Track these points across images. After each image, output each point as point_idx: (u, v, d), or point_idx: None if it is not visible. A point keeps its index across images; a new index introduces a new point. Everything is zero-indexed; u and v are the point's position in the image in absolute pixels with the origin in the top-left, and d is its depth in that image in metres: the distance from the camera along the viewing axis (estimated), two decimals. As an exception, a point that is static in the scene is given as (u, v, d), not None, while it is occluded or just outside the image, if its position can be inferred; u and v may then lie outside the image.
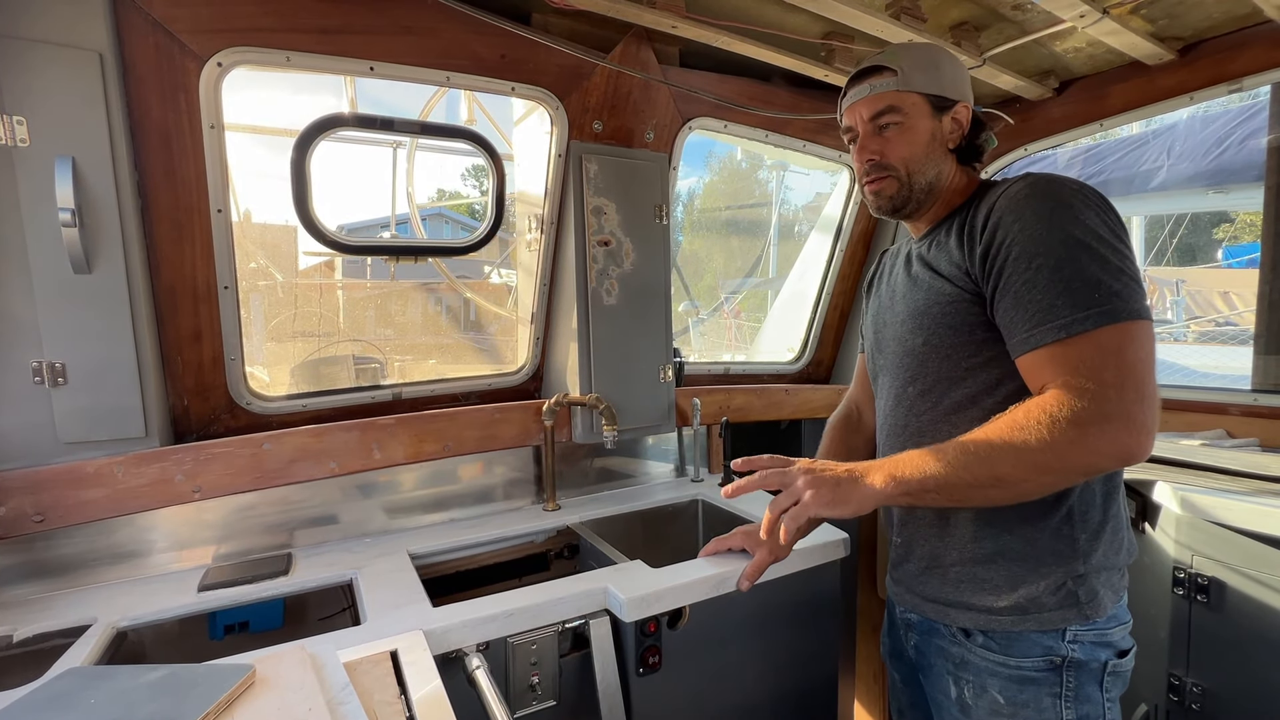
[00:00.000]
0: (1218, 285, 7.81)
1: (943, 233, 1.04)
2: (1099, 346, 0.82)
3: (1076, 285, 0.83)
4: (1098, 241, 0.85)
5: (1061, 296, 0.84)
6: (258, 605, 1.30)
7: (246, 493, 1.43)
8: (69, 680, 0.89)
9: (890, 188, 1.05)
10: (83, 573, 1.32)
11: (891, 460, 0.90)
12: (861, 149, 1.06)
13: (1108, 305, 0.82)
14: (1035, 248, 0.86)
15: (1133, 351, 0.81)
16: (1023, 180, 0.94)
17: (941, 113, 1.04)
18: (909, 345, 1.04)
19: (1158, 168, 4.82)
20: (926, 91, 1.03)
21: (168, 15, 1.20)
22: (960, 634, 1.00)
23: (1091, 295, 0.83)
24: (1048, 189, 0.91)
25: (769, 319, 2.81)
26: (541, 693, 1.23)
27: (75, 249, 1.19)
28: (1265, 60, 1.49)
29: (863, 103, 1.05)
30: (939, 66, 1.04)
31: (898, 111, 1.03)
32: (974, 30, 1.56)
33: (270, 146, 3.06)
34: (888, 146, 1.04)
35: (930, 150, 1.04)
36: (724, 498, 1.04)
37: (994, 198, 0.95)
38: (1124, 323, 0.82)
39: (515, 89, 1.55)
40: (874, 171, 1.05)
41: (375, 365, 3.76)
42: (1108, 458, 0.82)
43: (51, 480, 1.24)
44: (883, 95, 1.03)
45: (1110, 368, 0.81)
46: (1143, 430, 0.80)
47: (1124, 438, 0.80)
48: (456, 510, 1.72)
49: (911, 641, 1.11)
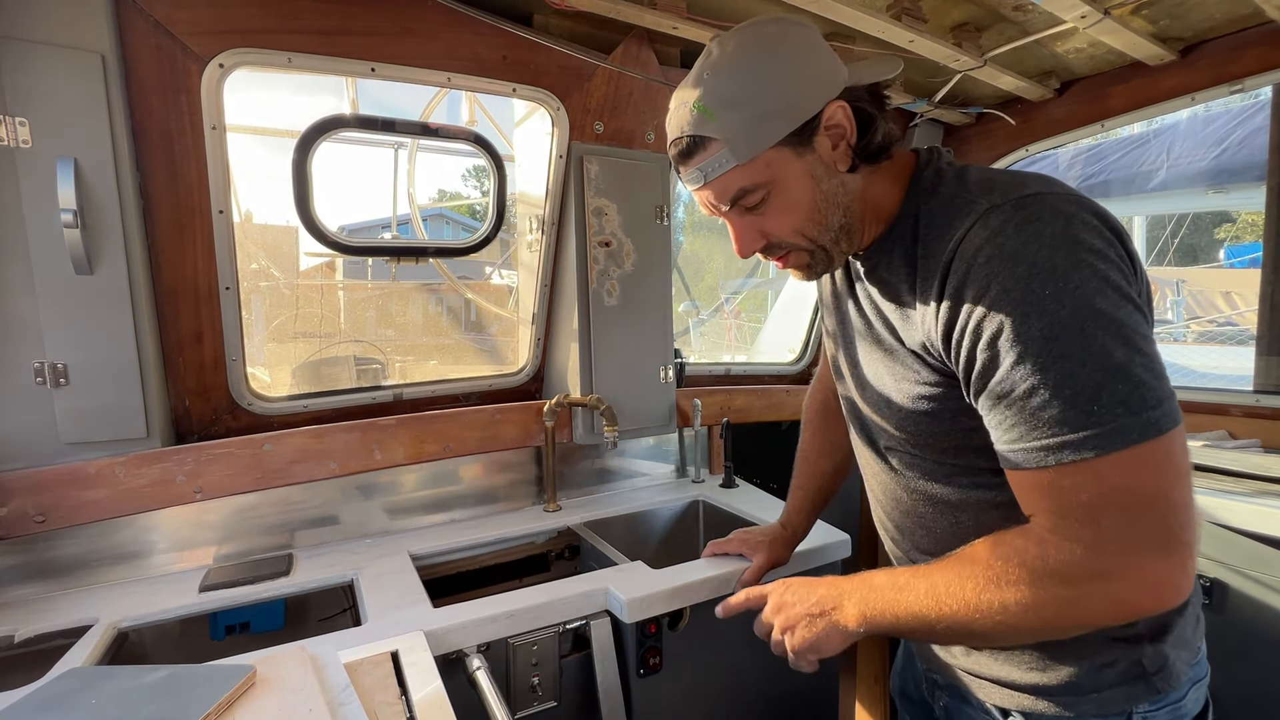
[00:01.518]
0: (1220, 285, 7.80)
1: (887, 260, 0.81)
2: (1098, 480, 0.61)
3: (1068, 394, 0.61)
4: (1100, 323, 0.61)
5: (1048, 408, 0.62)
6: (259, 606, 1.30)
7: (247, 493, 1.44)
8: (70, 681, 0.89)
9: (800, 260, 0.83)
10: (84, 573, 1.33)
11: (863, 591, 0.79)
12: (739, 242, 0.82)
13: (1111, 423, 0.60)
14: (1013, 336, 0.64)
15: (1148, 481, 0.60)
16: (996, 220, 0.67)
17: (806, 143, 0.76)
18: (883, 417, 0.85)
19: (1157, 168, 4.82)
20: (775, 140, 0.74)
21: (169, 17, 1.20)
22: (997, 711, 0.83)
23: (1089, 408, 0.61)
24: (1031, 246, 0.64)
25: (770, 320, 2.81)
26: (542, 693, 1.23)
27: (77, 250, 1.19)
28: (1266, 61, 1.48)
29: (705, 190, 0.79)
30: (779, 90, 0.74)
31: (753, 189, 0.77)
32: (975, 31, 1.56)
33: (272, 147, 3.06)
34: (766, 224, 0.80)
35: (818, 198, 0.78)
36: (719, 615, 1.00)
37: (952, 233, 0.70)
38: (1135, 447, 0.60)
39: (516, 90, 1.55)
40: (772, 251, 0.83)
41: (376, 366, 3.76)
42: (1114, 619, 0.65)
43: (53, 481, 1.24)
44: (724, 179, 0.76)
45: (1112, 509, 0.61)
46: (1162, 584, 0.62)
47: (1131, 596, 0.62)
48: (457, 511, 1.72)
49: (941, 701, 0.95)
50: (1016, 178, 0.72)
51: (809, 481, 1.26)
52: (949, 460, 0.80)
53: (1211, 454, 1.51)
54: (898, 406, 0.81)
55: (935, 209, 0.76)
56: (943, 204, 0.75)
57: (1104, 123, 1.80)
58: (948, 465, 0.80)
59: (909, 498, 0.87)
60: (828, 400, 1.22)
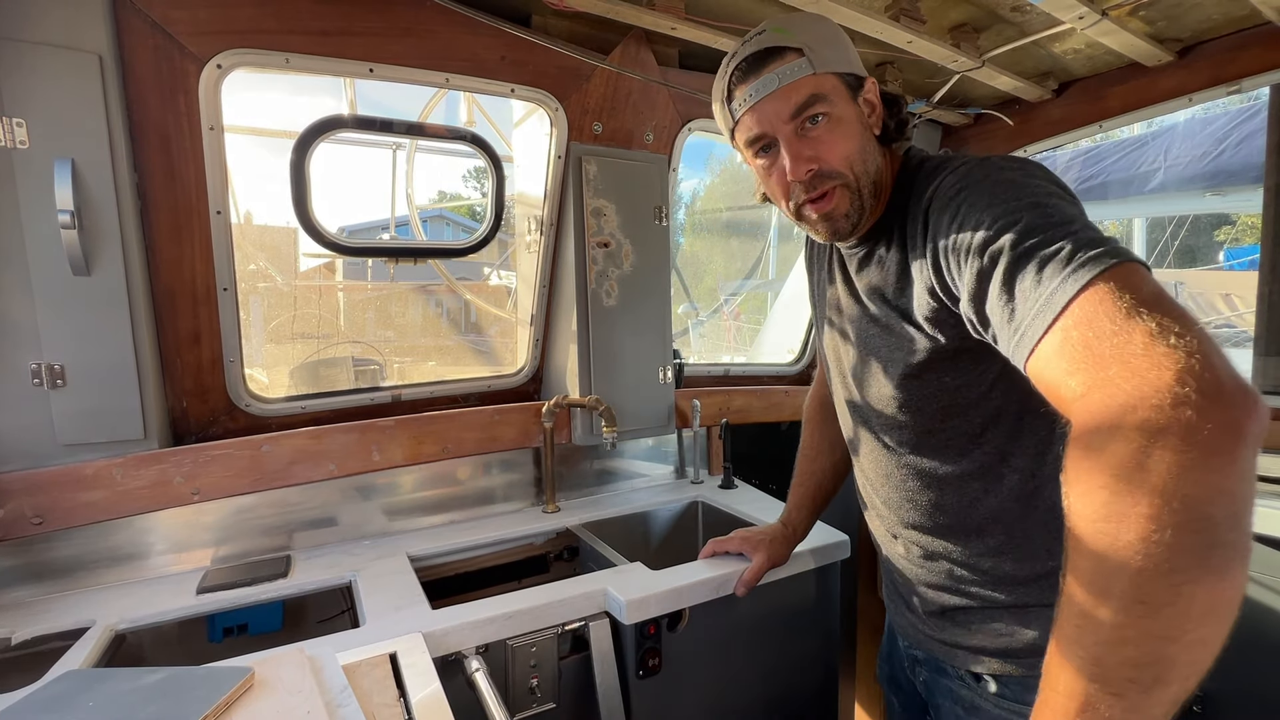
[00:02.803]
0: (1219, 287, 7.81)
1: (887, 242, 0.86)
2: (1126, 284, 0.54)
3: (1058, 233, 0.61)
4: (1065, 197, 0.68)
5: (1044, 250, 0.60)
6: (257, 608, 1.29)
7: (245, 495, 1.43)
8: (67, 683, 0.88)
9: (843, 202, 0.83)
10: (81, 575, 1.32)
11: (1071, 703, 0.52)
12: (795, 157, 0.82)
13: (1109, 243, 0.58)
14: (989, 221, 0.66)
15: (1157, 286, 0.54)
16: (963, 166, 0.76)
17: (857, 95, 0.85)
18: (878, 393, 0.90)
19: (1155, 169, 4.82)
20: (840, 71, 0.83)
21: (167, 17, 1.20)
22: (970, 677, 0.90)
23: (1081, 234, 0.60)
24: (993, 173, 0.72)
25: (769, 321, 2.81)
26: (541, 695, 1.22)
27: (74, 251, 1.19)
28: (1264, 61, 1.49)
29: (774, 98, 0.81)
30: (839, 39, 0.86)
31: (822, 100, 0.81)
32: (973, 32, 1.56)
33: (270, 148, 3.06)
34: (822, 147, 0.82)
35: (865, 142, 0.84)
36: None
37: (929, 187, 0.78)
38: (1134, 263, 0.56)
39: (515, 90, 1.55)
40: (818, 184, 0.83)
41: (374, 367, 3.77)
42: (1232, 455, 0.47)
43: (50, 482, 1.24)
44: (799, 84, 0.80)
45: (1157, 305, 0.52)
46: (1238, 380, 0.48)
47: (1235, 397, 0.47)
48: (456, 512, 1.71)
49: (920, 677, 1.02)
50: (996, 156, 0.80)
51: (809, 479, 1.29)
52: (936, 426, 0.85)
53: (1210, 454, 1.51)
54: (892, 376, 0.86)
55: (919, 183, 0.83)
56: (925, 176, 0.82)
57: (1102, 123, 1.80)
58: (935, 436, 0.86)
59: (899, 473, 0.92)
60: (827, 399, 1.24)
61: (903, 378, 0.85)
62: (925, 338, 0.80)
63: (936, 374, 0.82)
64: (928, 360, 0.81)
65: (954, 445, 0.85)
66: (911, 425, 0.88)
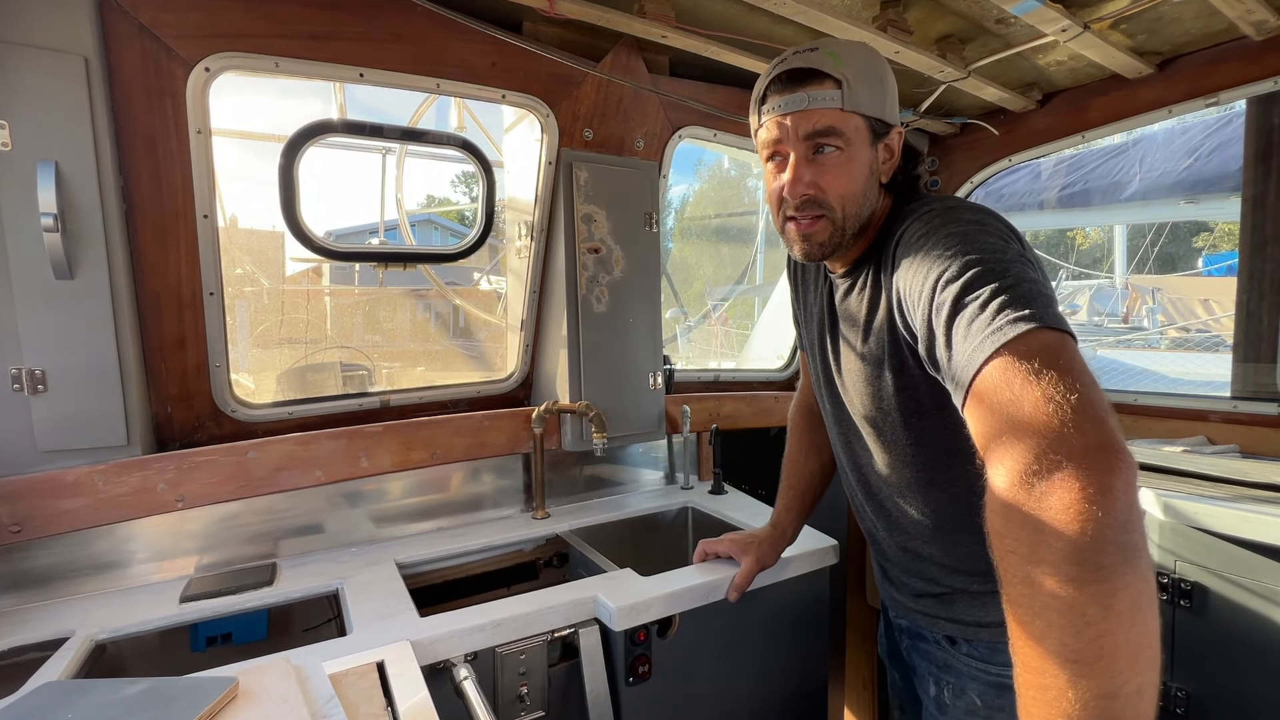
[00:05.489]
0: (1198, 293, 7.97)
1: (866, 277, 0.92)
2: (1048, 347, 0.62)
3: (1000, 288, 0.67)
4: (1010, 255, 0.72)
5: (988, 303, 0.67)
6: (241, 616, 1.27)
7: (230, 502, 1.41)
8: (45, 694, 0.87)
9: (823, 232, 0.89)
10: (61, 584, 1.30)
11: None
12: (795, 179, 0.88)
13: (1044, 306, 0.65)
14: (943, 269, 0.73)
15: (1078, 361, 0.62)
16: (926, 213, 0.83)
17: (878, 140, 0.90)
18: (874, 428, 0.96)
19: (1131, 178, 4.91)
20: (869, 114, 0.87)
21: (154, 20, 1.19)
22: (945, 641, 1.01)
23: (1021, 294, 0.67)
24: (950, 223, 0.78)
25: (758, 326, 2.83)
26: (530, 703, 1.22)
27: (57, 254, 1.17)
28: (1241, 75, 1.52)
29: (797, 116, 0.86)
30: (883, 82, 0.89)
31: (838, 135, 0.86)
32: (959, 43, 1.59)
33: (258, 152, 3.04)
34: (824, 178, 0.87)
35: (867, 187, 0.90)
36: None
37: (897, 231, 0.85)
38: (1061, 331, 0.64)
39: (505, 96, 1.55)
40: (806, 209, 0.89)
41: (363, 372, 3.74)
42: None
43: (29, 489, 1.22)
44: (824, 113, 0.86)
45: (1076, 370, 0.60)
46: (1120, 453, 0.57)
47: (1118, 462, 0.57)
48: (444, 519, 1.70)
49: (904, 644, 1.12)
50: (962, 202, 0.87)
51: (797, 481, 1.32)
52: (918, 441, 0.92)
53: (1190, 459, 1.54)
54: (872, 397, 0.93)
55: (897, 224, 0.89)
56: (902, 219, 0.88)
57: (1085, 134, 1.83)
58: (919, 450, 0.93)
59: (885, 482, 1.00)
60: (811, 405, 1.30)
61: (881, 397, 0.92)
62: (895, 364, 0.88)
63: (913, 394, 0.89)
64: (901, 383, 0.89)
65: (936, 460, 0.93)
66: (895, 442, 0.95)
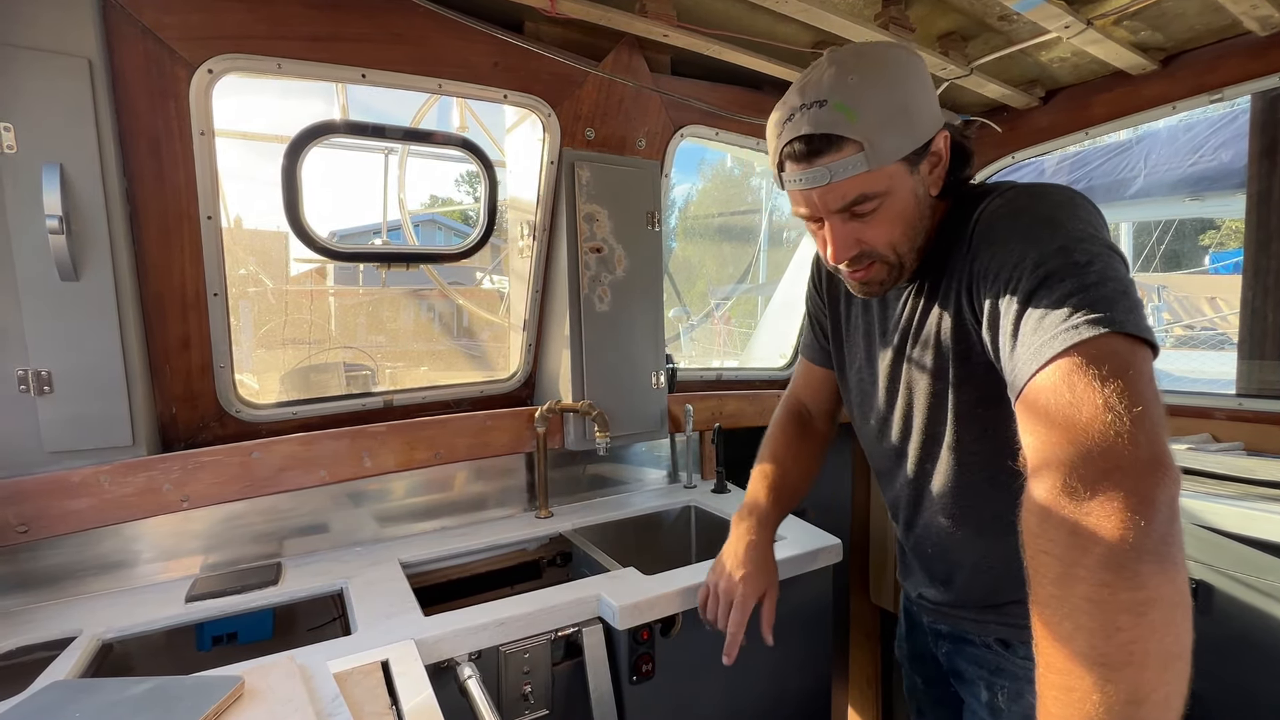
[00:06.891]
0: (1205, 291, 7.92)
1: (926, 278, 0.88)
2: (1117, 354, 0.61)
3: (1086, 285, 0.65)
4: (1101, 244, 0.69)
5: (1064, 302, 0.65)
6: (246, 616, 1.28)
7: (235, 502, 1.42)
8: (53, 694, 0.87)
9: (880, 273, 0.85)
10: (68, 584, 1.30)
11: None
12: (837, 247, 0.82)
13: (1126, 312, 0.63)
14: (1019, 261, 0.70)
15: (1148, 375, 0.61)
16: (1010, 192, 0.79)
17: (920, 160, 0.81)
18: (919, 424, 0.92)
19: (1136, 175, 4.89)
20: (904, 154, 0.78)
21: (157, 22, 1.20)
22: (998, 644, 0.94)
23: (1102, 293, 0.64)
24: (1038, 204, 0.75)
25: (761, 325, 2.82)
26: (534, 702, 1.22)
27: (62, 256, 1.18)
28: (1245, 71, 1.51)
29: (824, 191, 0.79)
30: (908, 107, 0.78)
31: (873, 198, 0.79)
32: (961, 40, 1.58)
33: (261, 152, 3.05)
34: (867, 233, 0.82)
35: (917, 216, 0.83)
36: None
37: (974, 213, 0.80)
38: (1139, 340, 0.62)
39: (507, 96, 1.55)
40: (856, 263, 0.84)
41: (366, 372, 3.74)
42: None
43: (36, 490, 1.23)
44: (850, 183, 0.77)
45: (1142, 379, 0.60)
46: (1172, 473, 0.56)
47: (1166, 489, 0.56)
48: (448, 518, 1.71)
49: (943, 649, 1.05)
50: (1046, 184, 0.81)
51: (781, 477, 1.25)
52: (975, 442, 0.87)
53: (1196, 457, 1.53)
54: (934, 398, 0.88)
55: (964, 211, 0.83)
56: (970, 202, 0.83)
57: (1088, 131, 1.83)
58: (973, 454, 0.88)
59: (950, 495, 0.93)
60: (800, 413, 1.27)
61: (943, 393, 0.87)
62: (961, 353, 0.83)
63: (976, 386, 0.84)
64: (966, 373, 0.84)
65: (999, 458, 0.84)
66: (959, 442, 0.89)
